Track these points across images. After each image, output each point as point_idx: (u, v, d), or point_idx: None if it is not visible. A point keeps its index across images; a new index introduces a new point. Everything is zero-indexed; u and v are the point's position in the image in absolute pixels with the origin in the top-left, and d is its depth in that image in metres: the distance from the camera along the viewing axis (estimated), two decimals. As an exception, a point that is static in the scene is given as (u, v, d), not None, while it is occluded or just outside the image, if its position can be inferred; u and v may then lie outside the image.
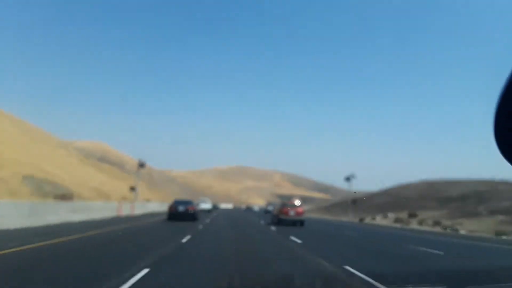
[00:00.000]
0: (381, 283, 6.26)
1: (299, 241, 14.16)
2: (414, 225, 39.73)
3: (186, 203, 25.76)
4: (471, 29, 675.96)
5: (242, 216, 42.83)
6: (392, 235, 23.33)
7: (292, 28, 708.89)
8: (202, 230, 17.96)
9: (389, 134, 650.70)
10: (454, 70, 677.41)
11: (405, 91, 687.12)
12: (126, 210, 29.61)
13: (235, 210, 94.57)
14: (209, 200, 58.58)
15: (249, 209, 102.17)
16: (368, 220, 51.87)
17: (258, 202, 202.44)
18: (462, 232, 30.75)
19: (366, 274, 7.08)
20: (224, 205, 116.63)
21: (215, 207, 74.15)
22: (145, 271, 6.52)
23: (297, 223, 24.22)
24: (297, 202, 27.26)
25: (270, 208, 56.32)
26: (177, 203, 25.53)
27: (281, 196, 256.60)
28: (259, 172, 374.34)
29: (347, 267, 8.04)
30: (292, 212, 24.51)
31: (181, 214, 24.28)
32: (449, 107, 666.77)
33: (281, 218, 24.53)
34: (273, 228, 21.59)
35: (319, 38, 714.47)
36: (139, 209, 34.67)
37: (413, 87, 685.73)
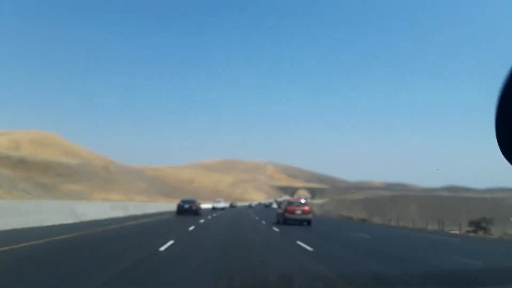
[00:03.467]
0: None
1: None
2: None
3: (190, 202, 33.88)
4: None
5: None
6: None
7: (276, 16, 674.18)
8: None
9: (383, 125, 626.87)
10: None
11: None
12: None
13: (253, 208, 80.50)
14: (222, 200, 68.50)
15: (268, 205, 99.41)
16: None
17: (257, 197, 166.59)
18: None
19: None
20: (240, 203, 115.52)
21: (232, 206, 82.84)
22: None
23: (304, 222, 23.08)
24: (303, 200, 27.61)
25: (275, 205, 66.48)
26: (183, 202, 33.40)
27: (283, 189, 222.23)
28: (249, 164, 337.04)
29: None
30: (298, 211, 23.49)
31: (186, 210, 31.85)
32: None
33: (287, 217, 23.35)
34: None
35: (305, 23, 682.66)
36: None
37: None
